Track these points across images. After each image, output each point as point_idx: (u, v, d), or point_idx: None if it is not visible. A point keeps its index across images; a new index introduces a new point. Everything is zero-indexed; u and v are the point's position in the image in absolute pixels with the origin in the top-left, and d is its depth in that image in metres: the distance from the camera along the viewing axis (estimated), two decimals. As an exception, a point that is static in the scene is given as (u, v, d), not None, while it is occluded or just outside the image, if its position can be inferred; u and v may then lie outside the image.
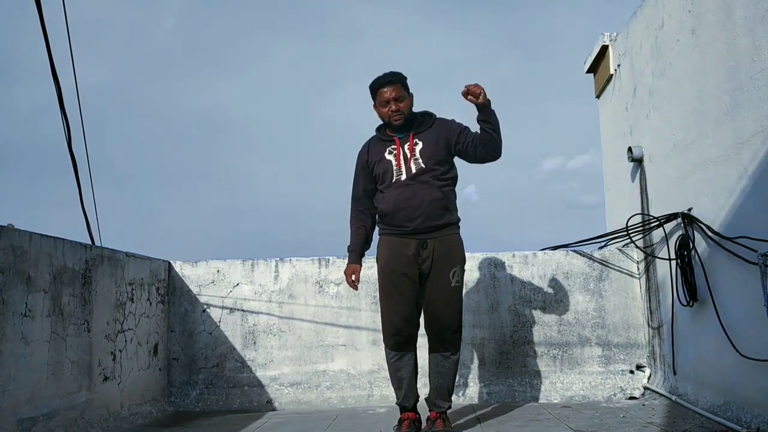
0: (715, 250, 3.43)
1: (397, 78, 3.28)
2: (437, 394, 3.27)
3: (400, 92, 3.26)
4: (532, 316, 4.59)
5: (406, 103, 3.28)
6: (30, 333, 3.01)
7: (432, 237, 3.23)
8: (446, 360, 3.25)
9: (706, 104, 3.49)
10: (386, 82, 3.26)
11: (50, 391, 3.16)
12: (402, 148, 3.29)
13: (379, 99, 3.28)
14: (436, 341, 3.27)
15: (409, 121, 3.31)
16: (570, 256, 4.68)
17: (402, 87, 3.28)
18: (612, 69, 5.05)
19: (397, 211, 3.25)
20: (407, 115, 3.29)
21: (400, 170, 3.27)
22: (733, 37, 3.18)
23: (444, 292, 3.22)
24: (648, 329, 4.49)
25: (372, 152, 3.40)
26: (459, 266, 3.26)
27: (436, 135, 3.29)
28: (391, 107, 3.26)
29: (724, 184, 3.33)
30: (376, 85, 3.29)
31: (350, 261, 3.47)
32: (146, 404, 4.16)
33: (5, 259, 2.86)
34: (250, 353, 4.61)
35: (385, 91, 3.26)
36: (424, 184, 3.23)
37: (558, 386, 4.46)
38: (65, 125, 4.20)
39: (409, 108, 3.31)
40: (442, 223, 3.24)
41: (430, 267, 3.23)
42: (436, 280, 3.23)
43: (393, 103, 3.25)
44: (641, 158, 4.48)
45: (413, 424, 3.28)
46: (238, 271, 4.72)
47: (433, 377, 3.30)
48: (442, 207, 3.24)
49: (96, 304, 3.62)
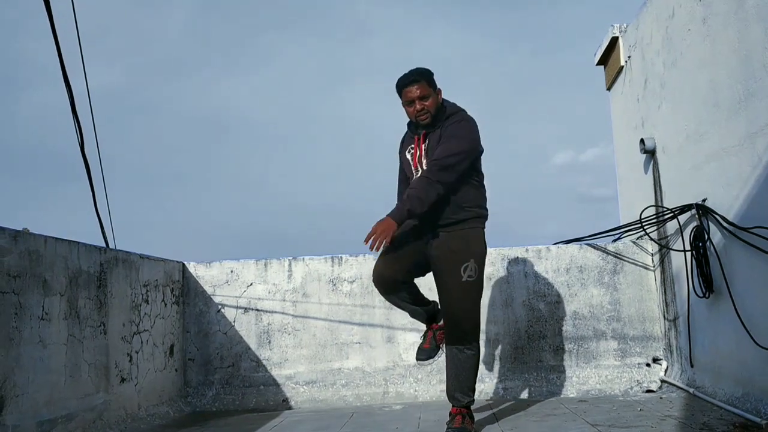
0: (731, 241, 3.40)
1: (421, 76, 3.22)
2: (455, 387, 3.26)
3: (425, 90, 3.20)
4: (547, 311, 4.57)
5: (432, 101, 3.22)
6: (47, 336, 3.03)
7: (445, 230, 3.23)
8: (461, 353, 3.23)
9: (719, 94, 3.46)
10: (410, 81, 3.20)
11: (68, 394, 3.18)
12: (418, 147, 3.29)
13: (404, 98, 3.24)
14: (450, 333, 3.26)
15: (436, 118, 3.26)
16: (584, 250, 4.66)
17: (427, 84, 3.22)
18: (622, 60, 5.01)
19: None
20: (434, 113, 3.24)
21: (417, 170, 3.28)
22: (745, 25, 3.15)
23: (455, 286, 3.19)
24: (664, 321, 4.46)
25: (402, 147, 3.45)
26: (473, 260, 3.19)
27: (441, 134, 3.24)
28: (416, 106, 3.21)
29: (739, 174, 3.30)
30: (401, 85, 3.24)
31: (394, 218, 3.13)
32: (163, 405, 4.18)
33: (21, 264, 2.88)
34: (265, 352, 4.63)
35: (409, 90, 3.20)
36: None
37: (574, 380, 4.44)
38: (77, 129, 4.22)
39: (436, 105, 3.24)
40: (454, 220, 3.22)
41: (442, 259, 3.22)
42: (447, 274, 3.21)
43: (418, 102, 3.20)
44: (654, 150, 4.45)
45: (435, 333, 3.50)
46: (252, 271, 4.74)
47: (449, 370, 3.29)
48: (450, 205, 3.20)
49: (111, 306, 3.64)
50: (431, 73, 3.27)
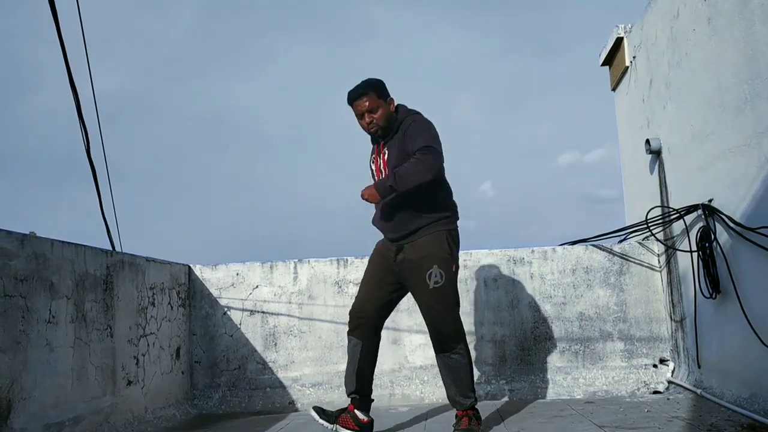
0: (737, 241, 3.39)
1: (370, 88, 3.22)
2: (454, 392, 3.26)
3: (374, 103, 3.21)
4: (553, 312, 4.56)
5: (381, 113, 3.22)
6: (54, 339, 3.04)
7: (408, 242, 3.23)
8: (450, 359, 3.22)
9: (725, 94, 3.45)
10: (359, 95, 3.22)
11: (75, 397, 3.19)
12: (378, 158, 3.32)
13: (355, 111, 3.27)
14: (434, 342, 3.27)
15: (387, 129, 3.26)
16: (590, 251, 4.65)
17: (377, 96, 3.22)
18: (627, 61, 5.00)
19: (375, 223, 3.37)
20: (384, 125, 3.24)
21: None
22: (750, 25, 3.14)
23: (423, 295, 3.20)
24: (671, 322, 4.45)
25: (370, 157, 3.45)
26: (436, 266, 3.15)
27: (398, 144, 3.24)
28: (365, 119, 3.23)
29: (745, 174, 3.28)
30: (350, 98, 3.26)
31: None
32: (170, 407, 4.19)
33: (28, 267, 2.89)
34: (271, 355, 4.63)
35: (358, 104, 3.23)
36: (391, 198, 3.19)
37: (580, 382, 4.43)
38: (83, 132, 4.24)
39: (386, 116, 3.24)
40: (413, 229, 3.21)
41: (408, 273, 3.24)
42: (415, 285, 3.23)
43: (367, 115, 3.22)
44: (659, 150, 4.44)
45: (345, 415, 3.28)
46: (257, 274, 4.75)
47: (444, 378, 3.29)
48: (410, 215, 3.20)
49: (118, 309, 3.66)
50: (381, 84, 3.27)
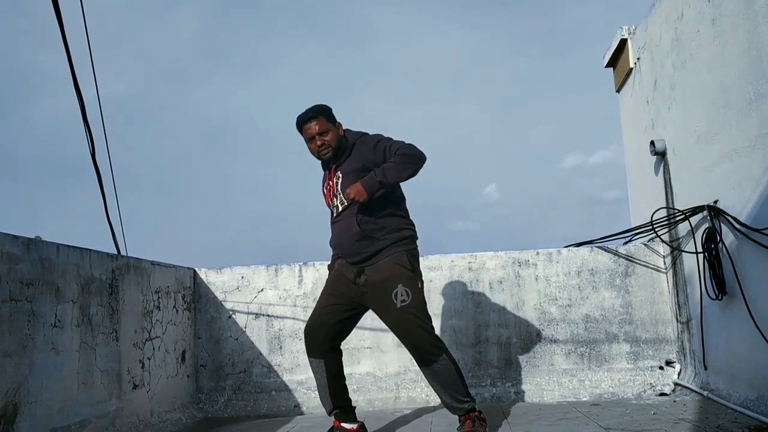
0: (743, 242, 3.38)
1: (319, 112, 3.24)
2: (447, 399, 3.24)
3: (323, 125, 3.22)
4: (558, 314, 4.55)
5: (331, 136, 3.23)
6: (60, 343, 3.05)
7: (368, 264, 3.22)
8: (435, 370, 3.20)
9: (730, 95, 3.45)
10: (309, 118, 3.22)
11: (81, 400, 3.19)
12: (329, 183, 3.31)
13: (305, 135, 3.27)
14: (415, 358, 3.24)
15: (337, 152, 3.27)
16: (595, 253, 4.64)
17: (326, 119, 3.23)
18: (632, 62, 5.00)
19: (336, 249, 3.37)
20: (335, 146, 3.25)
21: (332, 206, 3.32)
22: (755, 25, 3.13)
23: (393, 316, 3.17)
24: (677, 324, 4.43)
25: (323, 182, 3.43)
26: (401, 285, 3.14)
27: (354, 163, 3.24)
28: (316, 142, 3.23)
29: (750, 175, 3.28)
30: (300, 123, 3.26)
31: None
32: (175, 411, 4.19)
33: (34, 271, 2.90)
34: (276, 358, 4.63)
35: (308, 128, 3.23)
36: (347, 221, 3.21)
37: (586, 384, 4.42)
38: (88, 137, 4.25)
39: (337, 139, 3.25)
40: (373, 252, 3.20)
41: (372, 295, 3.21)
42: (382, 307, 3.21)
43: (318, 138, 3.22)
44: (664, 151, 4.43)
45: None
46: (263, 277, 4.75)
47: (435, 388, 3.28)
48: (366, 240, 3.19)
49: (123, 312, 3.66)
50: (329, 109, 3.29)
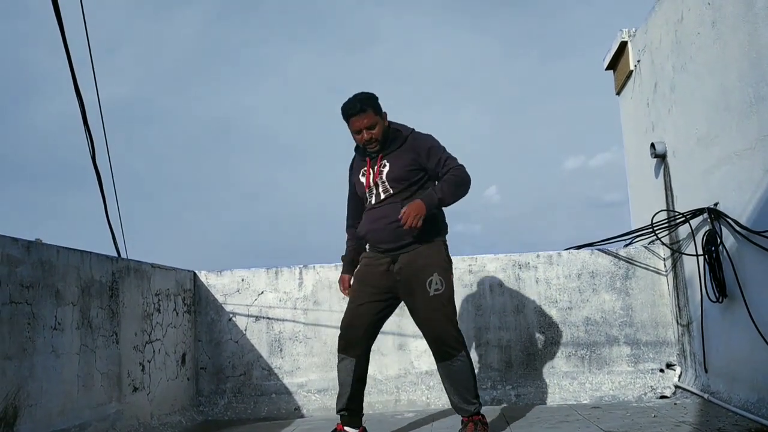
0: (744, 245, 3.38)
1: (367, 105, 3.22)
2: (457, 399, 3.25)
3: (371, 119, 3.21)
4: (559, 317, 4.55)
5: (378, 129, 3.24)
6: (60, 346, 3.05)
7: (405, 252, 3.22)
8: (451, 366, 3.20)
9: (730, 97, 3.45)
10: (357, 111, 3.21)
11: (81, 403, 3.19)
12: (371, 170, 3.29)
13: (351, 128, 3.26)
14: (434, 350, 3.23)
15: (383, 144, 3.28)
16: (595, 255, 4.64)
17: (373, 112, 3.22)
18: (632, 65, 5.00)
19: (368, 234, 3.32)
20: (381, 140, 3.26)
21: (371, 193, 3.30)
22: (755, 28, 3.13)
23: (424, 303, 3.18)
24: (677, 327, 4.43)
25: (353, 170, 3.45)
26: (436, 273, 3.17)
27: (405, 155, 3.25)
28: (363, 136, 3.24)
29: (751, 177, 3.28)
30: (348, 114, 3.25)
31: (342, 271, 3.57)
32: (175, 414, 4.19)
33: (34, 274, 2.90)
34: (276, 361, 4.63)
35: (356, 121, 3.22)
36: (391, 208, 3.20)
37: (587, 387, 4.42)
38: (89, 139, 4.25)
39: (383, 132, 3.26)
40: (411, 240, 3.21)
41: (406, 281, 3.22)
42: (414, 293, 3.20)
43: (365, 132, 3.22)
44: (664, 154, 4.43)
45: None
46: (263, 280, 4.75)
47: (445, 384, 3.27)
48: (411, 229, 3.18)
49: (123, 315, 3.66)
50: (376, 99, 3.27)
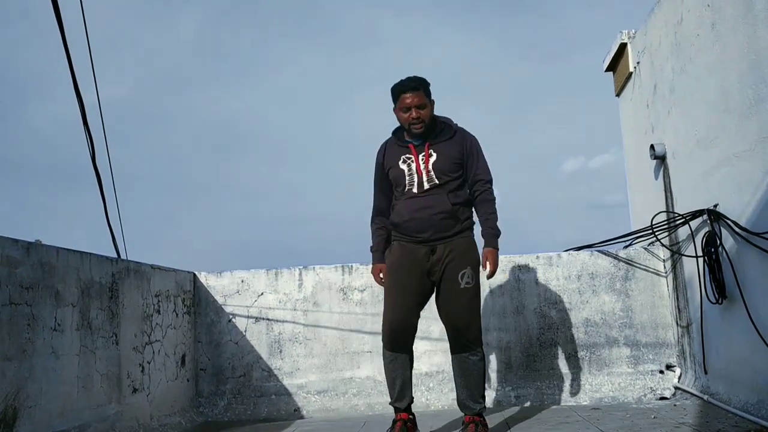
0: (743, 246, 3.38)
1: (420, 84, 3.24)
2: (465, 395, 3.25)
3: (422, 99, 3.22)
4: (559, 318, 4.55)
5: (427, 111, 3.25)
6: (60, 347, 3.05)
7: (443, 243, 3.24)
8: (468, 360, 3.23)
9: (729, 99, 3.45)
10: (409, 88, 3.21)
11: (81, 404, 3.19)
12: (417, 158, 3.27)
13: (400, 104, 3.25)
14: (455, 342, 3.25)
15: (428, 128, 3.28)
16: (595, 257, 4.64)
17: (424, 94, 3.24)
18: (631, 67, 5.01)
19: (408, 223, 3.27)
20: (428, 123, 3.26)
21: (412, 181, 3.27)
22: (754, 30, 3.13)
23: (455, 294, 3.20)
24: (677, 328, 4.43)
25: (388, 155, 3.39)
26: (469, 267, 3.22)
27: (453, 148, 3.27)
28: (411, 114, 3.23)
29: (750, 179, 3.28)
30: (398, 90, 3.25)
31: (375, 261, 3.50)
32: (175, 415, 4.18)
33: (34, 275, 2.90)
34: (276, 362, 4.63)
35: (407, 97, 3.22)
36: (435, 198, 3.22)
37: (587, 388, 4.42)
38: (89, 140, 4.25)
39: (430, 115, 3.27)
40: (453, 232, 3.25)
41: (441, 271, 3.23)
42: (447, 283, 3.23)
43: (414, 110, 3.22)
44: (664, 155, 4.43)
45: (405, 425, 3.26)
46: (263, 281, 4.75)
47: (457, 379, 3.28)
48: (453, 219, 3.24)
49: (123, 316, 3.66)
50: (429, 84, 3.29)
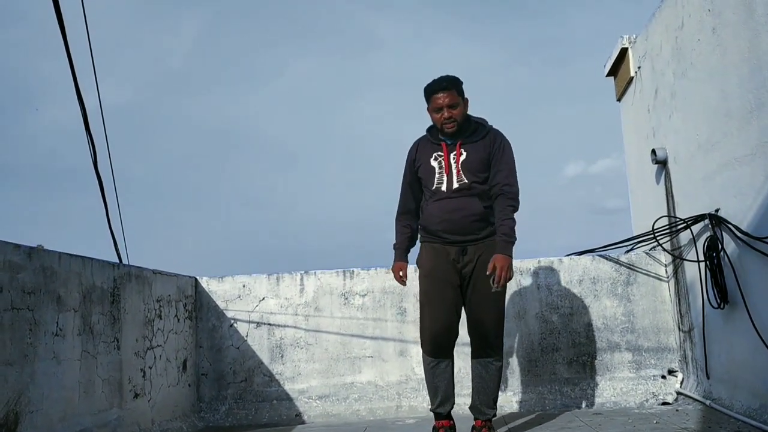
0: (745, 251, 3.38)
1: (452, 83, 3.24)
2: (481, 400, 3.26)
3: (454, 99, 3.22)
4: (560, 323, 4.55)
5: (459, 110, 3.25)
6: (61, 352, 3.04)
7: (474, 245, 3.24)
8: (489, 366, 3.25)
9: (730, 103, 3.45)
10: (441, 88, 3.21)
11: (82, 409, 3.19)
12: (448, 156, 3.27)
13: (433, 104, 3.25)
14: (478, 346, 3.26)
15: (461, 127, 3.28)
16: (596, 261, 4.64)
17: (457, 93, 3.24)
18: (632, 71, 5.01)
19: (438, 224, 3.27)
20: (460, 122, 3.26)
21: (442, 179, 3.26)
22: (755, 34, 3.14)
23: (484, 296, 3.21)
24: (679, 333, 4.43)
25: (420, 153, 3.39)
26: None
27: (484, 149, 3.26)
28: (444, 114, 3.23)
29: (752, 183, 3.28)
30: (430, 90, 3.25)
31: (396, 258, 3.47)
32: (177, 420, 4.18)
33: (36, 280, 2.90)
34: (277, 367, 4.63)
35: (438, 97, 3.22)
36: (465, 199, 3.22)
37: (588, 393, 4.41)
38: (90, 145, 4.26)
39: (463, 114, 3.27)
40: (482, 234, 3.25)
41: (471, 272, 3.23)
42: (477, 285, 3.23)
43: (446, 110, 3.22)
44: (665, 160, 4.43)
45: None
46: (264, 286, 4.75)
47: (475, 383, 3.28)
48: (483, 220, 3.24)
49: (125, 321, 3.66)
50: (461, 82, 3.28)
